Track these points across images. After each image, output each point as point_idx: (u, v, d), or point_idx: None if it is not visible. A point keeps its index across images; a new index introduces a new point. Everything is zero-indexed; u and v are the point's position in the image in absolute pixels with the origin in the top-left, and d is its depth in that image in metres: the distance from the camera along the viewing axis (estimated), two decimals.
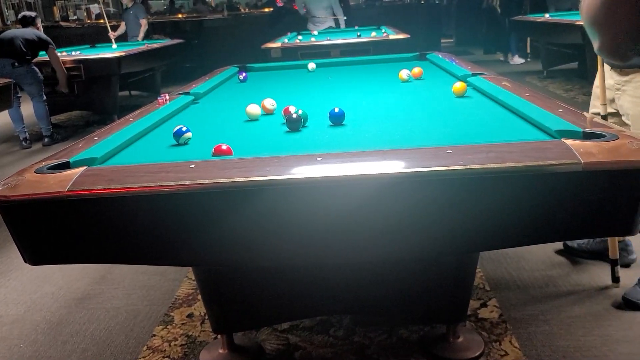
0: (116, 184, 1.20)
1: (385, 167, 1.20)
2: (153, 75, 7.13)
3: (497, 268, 2.42)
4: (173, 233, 1.26)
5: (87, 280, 2.54)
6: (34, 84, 5.23)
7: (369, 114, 1.95)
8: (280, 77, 3.10)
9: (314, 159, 1.26)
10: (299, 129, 1.75)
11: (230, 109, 2.20)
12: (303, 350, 1.94)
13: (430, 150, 1.26)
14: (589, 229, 1.29)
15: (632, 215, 1.23)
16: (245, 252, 1.30)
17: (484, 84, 2.15)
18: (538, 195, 1.21)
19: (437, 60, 3.11)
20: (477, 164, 1.18)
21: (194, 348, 1.99)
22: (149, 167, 1.28)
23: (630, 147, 1.19)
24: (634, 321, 1.98)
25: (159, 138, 1.76)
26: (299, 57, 5.24)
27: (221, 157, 1.39)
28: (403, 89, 2.40)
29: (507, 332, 1.97)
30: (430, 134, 1.62)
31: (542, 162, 1.17)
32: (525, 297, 2.19)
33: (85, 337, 2.12)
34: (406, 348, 1.91)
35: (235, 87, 2.84)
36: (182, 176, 1.21)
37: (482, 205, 1.23)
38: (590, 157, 1.17)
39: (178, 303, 2.30)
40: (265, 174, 1.19)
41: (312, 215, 1.22)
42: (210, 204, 1.21)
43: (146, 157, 1.54)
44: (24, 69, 5.13)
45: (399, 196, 1.20)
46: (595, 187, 1.19)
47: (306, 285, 1.82)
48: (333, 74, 3.07)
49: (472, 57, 9.76)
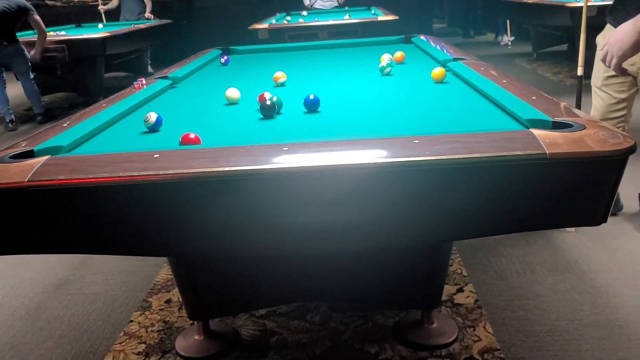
0: (78, 174, 1.18)
1: (352, 157, 1.18)
2: (140, 57, 7.05)
3: (476, 253, 2.43)
4: (139, 224, 1.25)
5: (67, 265, 2.53)
6: (22, 63, 5.16)
7: (345, 100, 1.93)
8: (262, 60, 3.06)
9: (280, 149, 1.24)
10: (272, 116, 1.73)
11: (209, 93, 2.18)
12: (279, 335, 1.95)
13: (398, 141, 1.25)
14: (556, 220, 1.30)
15: (598, 205, 1.23)
16: (213, 243, 1.30)
17: (463, 69, 2.13)
18: (505, 185, 1.21)
19: (422, 44, 3.08)
20: (443, 154, 1.17)
21: (171, 334, 1.99)
22: (113, 156, 1.27)
23: (595, 138, 1.19)
24: (606, 305, 2.00)
25: (132, 125, 1.74)
26: (286, 39, 5.18)
27: (189, 146, 1.37)
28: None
29: (482, 318, 1.98)
30: (404, 122, 1.61)
31: (507, 152, 1.16)
32: (502, 283, 2.20)
33: (62, 322, 2.12)
34: (381, 334, 1.92)
35: (216, 71, 2.81)
36: (145, 166, 1.19)
37: (449, 195, 1.23)
38: (556, 147, 1.16)
39: (157, 289, 2.30)
40: (230, 165, 1.17)
41: (278, 206, 1.21)
42: (175, 195, 1.20)
43: (116, 145, 1.52)
44: (13, 49, 5.06)
45: (365, 187, 1.19)
46: (560, 177, 1.19)
47: (283, 272, 1.82)
48: (316, 57, 3.04)
49: (463, 39, 9.71)
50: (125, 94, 2.08)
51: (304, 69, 2.67)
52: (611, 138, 1.19)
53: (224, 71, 2.80)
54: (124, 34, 6.00)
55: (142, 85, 2.20)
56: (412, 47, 3.12)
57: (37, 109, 5.33)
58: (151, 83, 2.28)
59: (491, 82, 1.83)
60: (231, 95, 1.95)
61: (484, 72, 2.03)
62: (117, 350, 1.93)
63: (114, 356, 1.90)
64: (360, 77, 2.35)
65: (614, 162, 1.16)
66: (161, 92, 2.21)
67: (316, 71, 2.59)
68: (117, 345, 1.95)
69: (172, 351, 1.90)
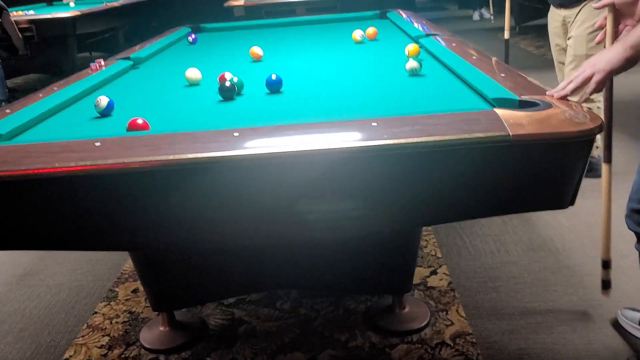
0: (10, 165, 1.10)
1: (303, 143, 1.11)
2: (115, 35, 6.84)
3: (450, 234, 2.39)
4: (81, 218, 1.17)
5: (31, 255, 2.45)
6: None
7: (311, 80, 1.85)
8: (232, 38, 2.96)
9: (230, 134, 1.17)
10: (232, 97, 1.65)
11: (171, 75, 2.08)
12: (248, 324, 1.90)
13: (356, 124, 1.18)
14: (522, 203, 1.24)
15: (562, 188, 1.18)
16: (165, 235, 1.23)
17: (435, 46, 2.06)
18: (467, 169, 1.15)
19: (396, 19, 2.99)
20: (400, 137, 1.10)
21: (136, 325, 1.93)
22: (50, 146, 1.18)
23: (560, 118, 1.12)
24: (579, 285, 1.97)
25: (83, 110, 1.64)
26: (262, 16, 5.05)
27: (136, 132, 1.29)
28: (354, 52, 2.30)
29: (455, 301, 1.94)
30: (367, 102, 1.53)
31: (468, 135, 1.10)
32: (476, 264, 2.16)
33: (24, 316, 2.05)
34: (352, 320, 1.88)
35: (183, 50, 2.70)
36: (84, 156, 1.11)
37: (409, 181, 1.17)
38: (519, 128, 1.10)
39: (124, 278, 2.24)
40: (172, 153, 1.10)
41: (225, 196, 1.14)
42: (118, 186, 1.13)
43: (62, 132, 1.44)
44: None
45: (319, 174, 1.13)
46: (524, 159, 1.13)
47: (251, 260, 1.76)
48: (286, 34, 2.94)
49: (445, 12, 9.59)
50: (81, 75, 1.98)
51: (274, 47, 2.57)
52: (577, 117, 1.13)
53: (191, 50, 2.70)
54: (95, 12, 5.81)
55: (100, 67, 2.09)
56: (387, 23, 3.03)
57: (1, 95, 5.17)
58: (111, 64, 2.17)
59: (461, 59, 1.76)
60: (191, 76, 1.86)
61: (456, 48, 1.96)
62: (79, 344, 1.86)
63: (76, 350, 1.84)
64: (329, 55, 2.26)
65: (579, 143, 1.10)
66: (121, 74, 2.11)
67: (287, 50, 2.50)
68: (79, 339, 1.89)
69: (137, 343, 1.84)
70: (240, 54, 2.34)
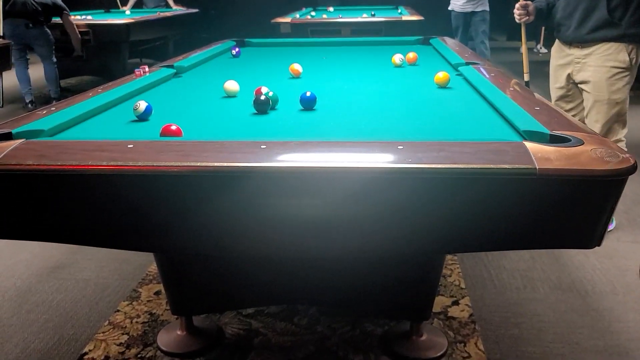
0: (47, 160, 1.15)
1: (329, 160, 1.13)
2: (165, 44, 7.08)
3: (476, 265, 2.34)
4: (109, 216, 1.22)
5: (64, 249, 2.53)
6: (45, 45, 5.23)
7: (346, 99, 1.87)
8: (275, 54, 3.02)
9: (258, 146, 1.19)
10: (266, 112, 1.68)
11: (210, 85, 2.14)
12: (263, 336, 1.91)
13: (382, 145, 1.19)
14: (545, 239, 1.22)
15: (589, 228, 1.15)
16: (189, 240, 1.26)
17: (472, 74, 2.05)
18: (491, 200, 1.14)
19: (438, 46, 2.99)
20: (424, 162, 1.10)
21: (155, 327, 1.97)
22: (86, 144, 1.23)
23: (591, 155, 1.10)
24: (607, 330, 1.90)
25: (123, 113, 1.70)
26: (308, 34, 5.13)
27: (169, 138, 1.33)
28: (392, 75, 2.32)
29: (474, 334, 1.90)
30: (397, 125, 1.54)
31: (493, 165, 1.09)
32: (500, 298, 2.11)
33: (50, 307, 2.11)
34: (367, 342, 1.86)
35: (225, 63, 2.77)
36: (115, 156, 1.15)
37: (431, 207, 1.16)
38: (547, 163, 1.08)
39: (148, 279, 2.28)
40: (200, 160, 1.13)
41: (251, 206, 1.16)
42: (145, 188, 1.16)
43: (100, 132, 1.50)
44: (37, 31, 5.13)
45: (340, 192, 1.14)
46: (550, 195, 1.11)
47: (272, 271, 1.77)
48: (333, 54, 2.98)
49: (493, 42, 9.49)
50: (125, 80, 2.06)
51: (315, 65, 2.61)
52: (609, 157, 1.10)
53: (233, 63, 2.76)
54: (149, 21, 6.03)
55: (144, 73, 2.17)
56: (429, 49, 3.04)
57: (54, 94, 5.40)
58: (154, 71, 2.25)
59: (497, 89, 1.75)
60: (229, 88, 1.91)
61: (493, 78, 1.95)
62: (99, 340, 1.90)
63: (96, 345, 1.88)
64: (368, 77, 2.29)
65: (609, 182, 1.08)
66: (162, 81, 2.18)
67: (326, 68, 2.53)
68: (100, 335, 1.93)
69: (154, 344, 1.87)
70: (280, 70, 2.38)
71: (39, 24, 5.12)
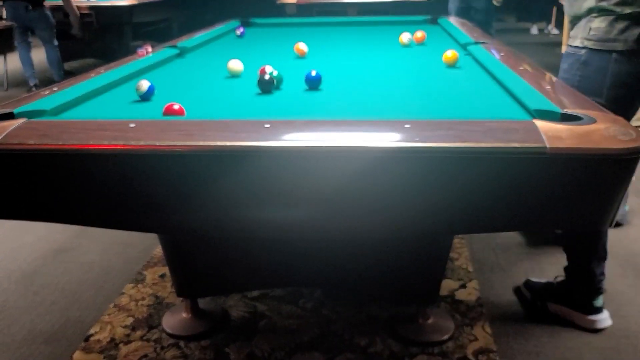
0: (49, 139, 1.13)
1: (334, 139, 1.10)
2: (169, 26, 7.02)
3: (485, 248, 2.32)
4: (111, 195, 1.20)
5: (69, 232, 2.53)
6: (46, 28, 5.19)
7: (352, 79, 1.84)
8: (280, 34, 2.97)
9: (261, 125, 1.17)
10: (270, 91, 1.65)
11: (214, 65, 2.10)
12: (268, 319, 1.90)
13: (388, 124, 1.16)
14: (557, 220, 1.19)
15: (601, 208, 1.12)
16: (192, 221, 1.24)
17: (482, 53, 2.01)
18: (500, 180, 1.11)
19: (446, 26, 2.94)
20: (432, 141, 1.07)
21: (160, 309, 1.96)
22: (87, 124, 1.21)
23: (603, 134, 1.07)
24: (616, 314, 1.87)
25: (125, 92, 1.68)
26: (314, 14, 5.07)
27: (171, 117, 1.31)
28: (400, 54, 2.27)
29: (482, 317, 1.89)
30: (404, 104, 1.51)
31: (503, 144, 1.06)
32: (508, 282, 2.09)
33: (56, 289, 2.11)
34: (373, 326, 1.85)
35: (230, 43, 2.73)
36: (117, 135, 1.13)
37: (439, 186, 1.13)
38: (558, 141, 1.05)
39: (153, 262, 2.27)
40: (203, 139, 1.10)
41: (254, 186, 1.14)
42: (147, 167, 1.14)
43: (102, 112, 1.47)
44: (37, 13, 5.09)
45: (346, 171, 1.11)
46: (561, 174, 1.08)
47: (277, 254, 1.76)
48: (337, 34, 2.93)
49: (502, 24, 9.36)
50: (128, 60, 2.03)
51: (320, 45, 2.56)
52: (622, 135, 1.07)
53: (238, 43, 2.72)
54: (152, 2, 5.97)
55: (147, 53, 2.14)
56: (437, 28, 2.99)
57: (57, 77, 5.38)
58: (157, 51, 2.22)
59: (506, 68, 1.70)
60: (233, 68, 1.87)
61: (503, 57, 1.90)
62: (104, 322, 1.90)
63: (101, 327, 1.88)
64: (375, 56, 2.24)
65: (622, 161, 1.04)
66: (166, 62, 2.15)
67: (333, 48, 2.49)
68: (105, 317, 1.93)
69: (159, 327, 1.87)
70: (285, 50, 2.34)
71: (38, 5, 5.07)
